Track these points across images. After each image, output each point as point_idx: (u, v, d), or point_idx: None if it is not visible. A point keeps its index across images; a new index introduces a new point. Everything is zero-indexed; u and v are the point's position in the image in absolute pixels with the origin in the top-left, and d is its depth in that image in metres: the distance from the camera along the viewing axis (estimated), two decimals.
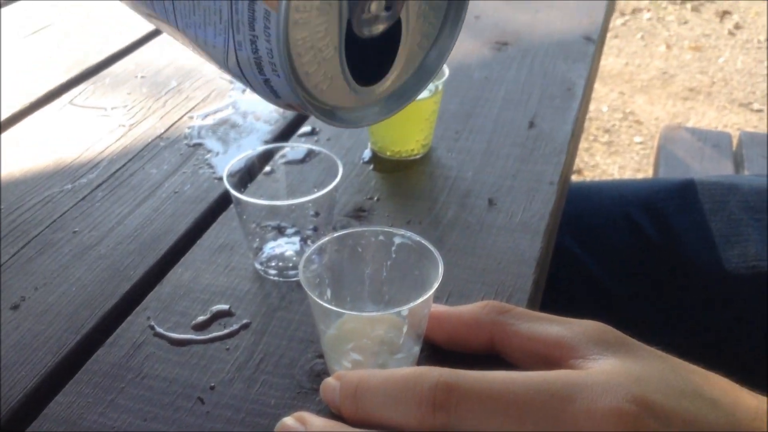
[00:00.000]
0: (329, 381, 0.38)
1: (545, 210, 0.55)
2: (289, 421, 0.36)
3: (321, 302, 0.37)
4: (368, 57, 0.31)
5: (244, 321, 0.45)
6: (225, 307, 0.47)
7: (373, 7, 0.31)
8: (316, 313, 0.40)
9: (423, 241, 0.40)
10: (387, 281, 0.43)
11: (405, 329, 0.38)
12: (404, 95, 0.34)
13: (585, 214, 0.86)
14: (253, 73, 0.31)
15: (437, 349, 0.42)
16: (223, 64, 0.31)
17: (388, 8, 0.31)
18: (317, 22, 0.29)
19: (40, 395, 0.41)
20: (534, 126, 0.66)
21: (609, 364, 0.35)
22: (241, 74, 0.31)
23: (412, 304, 0.37)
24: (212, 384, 0.41)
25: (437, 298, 0.46)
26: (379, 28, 0.31)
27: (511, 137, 0.64)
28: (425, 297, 0.37)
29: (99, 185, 0.60)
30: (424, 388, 0.33)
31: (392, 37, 0.32)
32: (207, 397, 0.40)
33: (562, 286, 0.77)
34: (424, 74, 0.34)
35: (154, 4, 0.32)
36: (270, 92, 0.31)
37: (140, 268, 0.50)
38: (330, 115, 0.32)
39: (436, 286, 0.38)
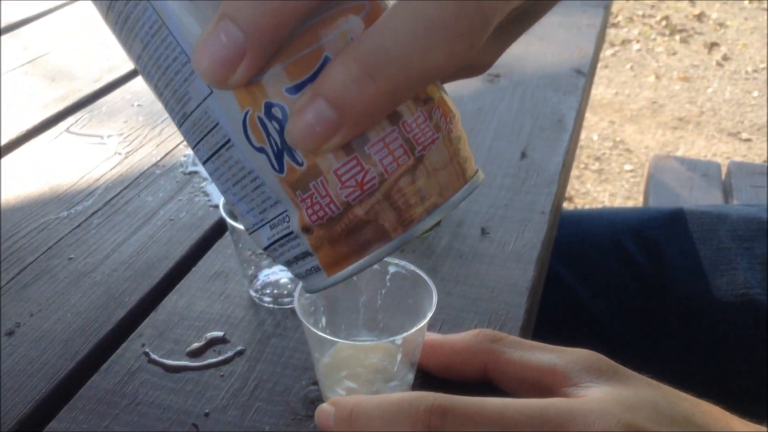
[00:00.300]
0: (324, 407, 0.38)
1: (537, 239, 0.55)
2: None
3: (315, 331, 0.38)
4: None
5: (239, 348, 0.46)
6: (220, 334, 0.47)
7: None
8: (310, 341, 0.40)
9: (417, 270, 0.41)
10: (381, 309, 0.43)
11: (399, 357, 0.39)
12: None
13: (576, 241, 0.87)
14: (274, 258, 0.33)
15: (431, 377, 0.42)
16: (245, 227, 0.33)
17: None
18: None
19: (34, 422, 0.41)
20: (526, 157, 0.67)
21: (601, 392, 0.35)
22: (260, 246, 0.33)
23: (406, 333, 0.37)
24: (207, 410, 0.41)
25: (431, 326, 0.46)
26: None
27: (503, 168, 0.65)
28: (420, 326, 0.38)
29: (95, 212, 0.60)
30: (420, 411, 0.33)
31: None
32: (201, 423, 0.41)
33: (552, 312, 0.77)
34: None
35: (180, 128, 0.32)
36: (286, 266, 0.33)
37: (135, 294, 0.51)
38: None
39: (430, 315, 0.38)
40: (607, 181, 2.41)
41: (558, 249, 0.69)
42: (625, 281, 0.83)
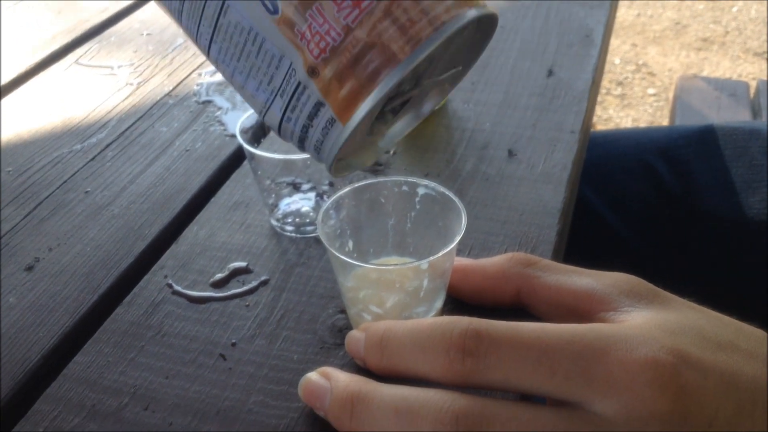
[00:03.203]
0: (354, 333, 0.37)
1: (567, 159, 0.53)
2: (313, 376, 0.36)
3: (339, 255, 0.36)
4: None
5: (263, 278, 0.45)
6: (243, 264, 0.46)
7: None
8: (335, 266, 0.39)
9: (447, 192, 0.39)
10: (411, 232, 0.41)
11: (426, 282, 0.37)
12: (403, 130, 0.36)
13: (602, 163, 0.85)
14: (290, 136, 0.32)
15: (461, 303, 0.41)
16: (257, 111, 0.32)
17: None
18: (365, 125, 0.31)
19: (59, 356, 0.41)
20: (552, 74, 0.64)
21: (642, 317, 0.34)
22: (276, 127, 0.32)
23: (432, 257, 0.36)
24: (233, 340, 0.40)
25: (460, 251, 0.45)
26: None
27: (528, 87, 0.62)
28: (447, 250, 0.36)
29: (109, 145, 0.58)
30: (454, 335, 0.32)
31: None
32: (229, 353, 0.40)
33: (579, 236, 0.75)
34: (424, 113, 0.36)
35: (181, 19, 0.31)
36: (299, 148, 0.32)
37: (155, 226, 0.49)
38: (347, 167, 0.34)
39: (458, 238, 0.36)
40: (629, 106, 2.36)
41: (584, 172, 0.67)
42: (654, 203, 0.81)
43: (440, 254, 0.36)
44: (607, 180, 0.85)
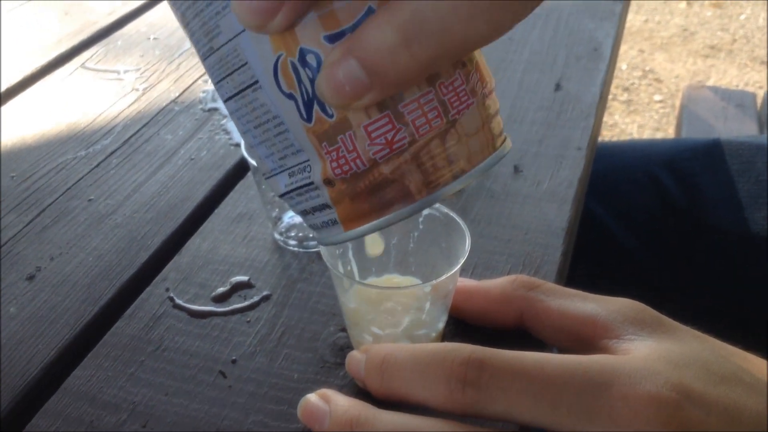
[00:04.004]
0: (355, 354, 0.37)
1: (573, 177, 0.53)
2: (312, 398, 0.35)
3: (341, 274, 0.36)
4: None
5: (265, 293, 0.44)
6: (245, 278, 0.45)
7: None
8: (336, 286, 0.38)
9: (451, 213, 0.39)
10: (413, 252, 0.41)
11: (428, 305, 0.37)
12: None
13: (608, 174, 0.85)
14: (290, 206, 0.32)
15: (464, 325, 0.41)
16: (262, 171, 0.32)
17: None
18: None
19: (59, 369, 0.40)
20: (560, 88, 0.64)
21: (646, 347, 0.33)
22: (277, 194, 0.31)
23: (436, 281, 0.35)
24: (234, 357, 0.40)
25: (463, 270, 0.44)
26: None
27: (536, 101, 0.62)
28: (450, 273, 0.36)
29: (113, 152, 0.58)
30: (455, 364, 0.32)
31: None
32: (229, 370, 0.39)
33: (584, 249, 0.75)
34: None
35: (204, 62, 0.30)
36: (301, 215, 0.32)
37: (158, 237, 0.49)
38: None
39: (462, 261, 0.36)
40: (635, 112, 2.35)
41: (590, 183, 0.67)
42: (660, 216, 0.81)
43: (443, 277, 0.36)
44: (613, 192, 0.84)
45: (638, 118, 2.33)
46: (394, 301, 0.38)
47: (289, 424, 0.36)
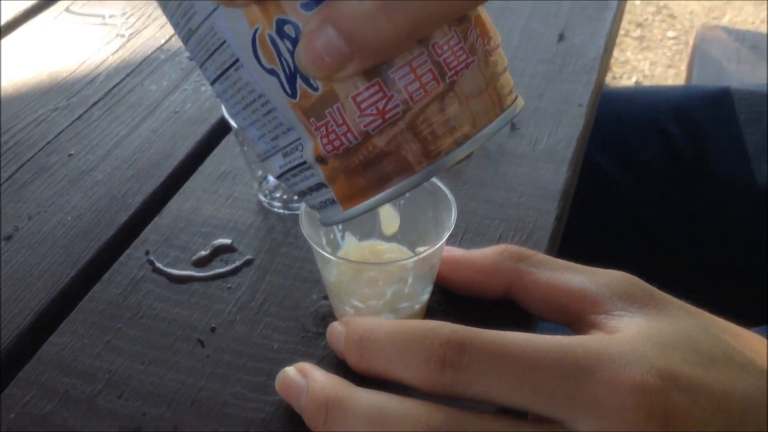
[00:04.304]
0: (336, 326, 0.36)
1: (572, 136, 0.51)
2: (290, 372, 0.34)
3: (319, 250, 0.35)
4: None
5: (247, 257, 0.43)
6: (227, 241, 0.44)
7: None
8: (316, 256, 0.37)
9: (438, 183, 0.37)
10: (400, 219, 0.40)
11: (411, 279, 0.36)
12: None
13: (613, 122, 0.82)
14: (288, 188, 0.30)
15: (450, 294, 0.39)
16: (256, 154, 0.30)
17: None
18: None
19: (34, 335, 0.39)
20: (564, 39, 0.61)
21: (635, 325, 0.32)
22: (273, 176, 0.30)
23: (418, 256, 0.34)
24: (213, 325, 0.39)
25: (453, 236, 0.43)
26: None
27: (538, 52, 0.59)
28: (434, 248, 0.34)
29: (95, 103, 0.56)
30: (435, 344, 0.30)
31: None
32: (207, 339, 0.38)
33: (585, 199, 0.73)
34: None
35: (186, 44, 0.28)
36: (298, 197, 0.30)
37: (138, 196, 0.48)
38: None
39: (447, 234, 0.35)
40: (648, 49, 2.29)
41: (594, 131, 0.64)
42: (664, 165, 0.79)
43: (426, 252, 0.34)
44: (618, 141, 0.82)
45: (650, 54, 2.27)
46: (375, 274, 0.37)
47: (267, 396, 0.35)
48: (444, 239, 0.34)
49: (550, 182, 0.47)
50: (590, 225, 0.79)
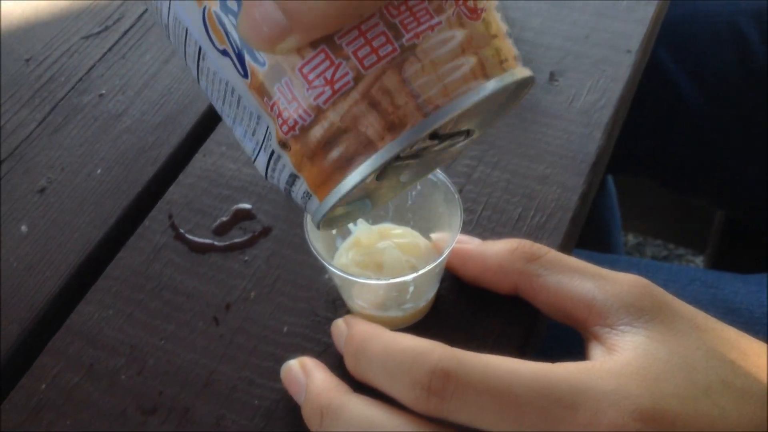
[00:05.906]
0: (339, 324, 0.37)
1: (613, 94, 0.47)
2: (294, 367, 0.36)
3: (320, 257, 0.35)
4: None
5: (266, 225, 0.44)
6: (247, 206, 0.44)
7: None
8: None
9: (449, 184, 0.36)
10: (412, 209, 0.39)
11: (412, 289, 0.36)
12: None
13: (685, 21, 0.76)
14: (277, 186, 0.28)
15: (460, 284, 0.39)
16: (248, 155, 0.29)
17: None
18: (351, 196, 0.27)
19: (64, 300, 0.42)
20: None
21: (632, 349, 0.32)
22: (265, 177, 0.29)
23: (417, 273, 0.34)
24: (228, 301, 0.41)
25: (470, 211, 0.42)
26: None
27: None
28: (433, 264, 0.34)
29: (127, 31, 0.55)
30: (421, 372, 0.31)
31: None
32: (222, 317, 0.40)
33: (645, 99, 0.69)
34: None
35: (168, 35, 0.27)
36: (286, 196, 0.29)
37: (165, 147, 0.48)
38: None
39: (447, 252, 0.34)
40: None
41: (663, 30, 0.59)
42: (735, 74, 0.74)
43: (426, 269, 0.34)
44: (689, 42, 0.76)
45: None
46: (377, 285, 0.37)
47: (273, 383, 0.37)
48: (445, 255, 0.34)
49: (581, 151, 0.45)
50: (644, 122, 0.75)
